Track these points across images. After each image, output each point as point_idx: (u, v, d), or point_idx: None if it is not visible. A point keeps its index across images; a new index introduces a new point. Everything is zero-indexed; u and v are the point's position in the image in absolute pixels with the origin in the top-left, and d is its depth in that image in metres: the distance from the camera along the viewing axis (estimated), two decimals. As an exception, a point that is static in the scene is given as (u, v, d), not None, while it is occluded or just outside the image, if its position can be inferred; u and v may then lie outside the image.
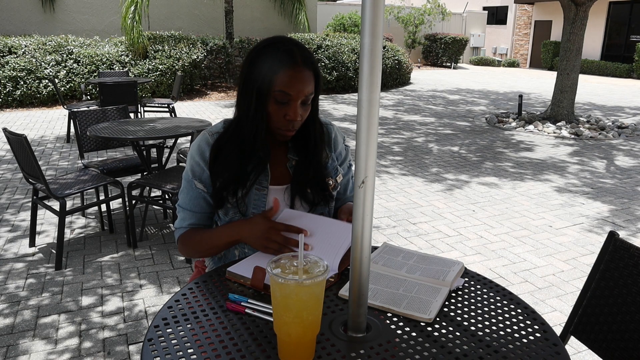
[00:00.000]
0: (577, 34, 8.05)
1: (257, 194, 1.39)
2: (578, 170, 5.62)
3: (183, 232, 1.44)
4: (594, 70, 18.94)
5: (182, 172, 3.44)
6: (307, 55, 1.31)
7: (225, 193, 1.37)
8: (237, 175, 1.36)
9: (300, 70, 1.28)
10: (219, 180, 1.37)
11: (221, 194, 1.37)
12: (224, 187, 1.36)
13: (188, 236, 1.42)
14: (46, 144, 6.48)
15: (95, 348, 2.33)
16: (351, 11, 18.88)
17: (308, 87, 1.30)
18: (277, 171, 1.42)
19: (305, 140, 1.43)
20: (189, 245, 1.42)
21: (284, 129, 1.33)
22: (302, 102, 1.31)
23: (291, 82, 1.27)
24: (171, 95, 7.86)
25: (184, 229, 1.44)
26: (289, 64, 1.27)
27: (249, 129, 1.34)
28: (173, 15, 13.80)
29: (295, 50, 1.29)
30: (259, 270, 1.13)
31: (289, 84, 1.27)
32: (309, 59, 1.31)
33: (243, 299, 1.08)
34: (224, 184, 1.37)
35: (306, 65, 1.29)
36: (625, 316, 1.30)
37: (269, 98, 1.29)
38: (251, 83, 1.31)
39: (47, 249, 3.38)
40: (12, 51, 9.86)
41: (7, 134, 3.07)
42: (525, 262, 3.31)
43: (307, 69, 1.29)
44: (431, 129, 7.93)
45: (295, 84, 1.27)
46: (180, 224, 1.45)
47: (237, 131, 1.37)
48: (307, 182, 1.42)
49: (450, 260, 1.27)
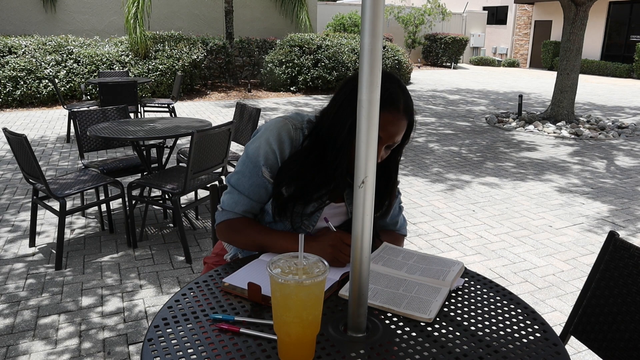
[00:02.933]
0: (577, 34, 8.05)
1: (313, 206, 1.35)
2: (578, 170, 5.62)
3: (232, 218, 1.37)
4: (594, 70, 18.94)
5: (182, 172, 3.44)
6: (409, 104, 1.28)
7: (287, 203, 1.32)
8: (304, 191, 1.31)
9: (399, 118, 1.25)
10: (285, 186, 1.32)
11: (284, 202, 1.32)
12: (288, 199, 1.32)
13: (238, 224, 1.36)
14: (46, 144, 6.48)
15: (95, 348, 2.32)
16: (351, 11, 18.89)
17: (399, 135, 1.27)
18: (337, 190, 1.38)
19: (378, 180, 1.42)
20: (233, 234, 1.36)
21: None
22: (386, 146, 1.28)
23: (386, 126, 1.23)
24: (171, 95, 7.86)
25: (235, 214, 1.36)
26: (390, 108, 1.24)
27: (333, 156, 1.29)
28: (173, 15, 13.79)
29: (400, 96, 1.26)
30: (253, 285, 1.10)
31: (383, 126, 1.22)
32: (410, 107, 1.28)
33: (229, 317, 1.04)
34: (288, 197, 1.31)
35: (406, 113, 1.27)
36: (625, 316, 1.30)
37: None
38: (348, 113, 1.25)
39: (47, 249, 3.38)
40: (12, 51, 9.86)
41: (7, 134, 3.07)
42: (525, 262, 3.31)
43: (405, 118, 1.27)
44: (431, 129, 7.93)
45: (389, 129, 1.24)
46: (231, 206, 1.37)
47: (320, 150, 1.31)
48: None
49: (450, 260, 1.27)
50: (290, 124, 1.34)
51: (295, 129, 1.34)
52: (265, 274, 1.18)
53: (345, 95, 1.28)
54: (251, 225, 1.36)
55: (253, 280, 1.13)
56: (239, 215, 1.37)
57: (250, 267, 1.23)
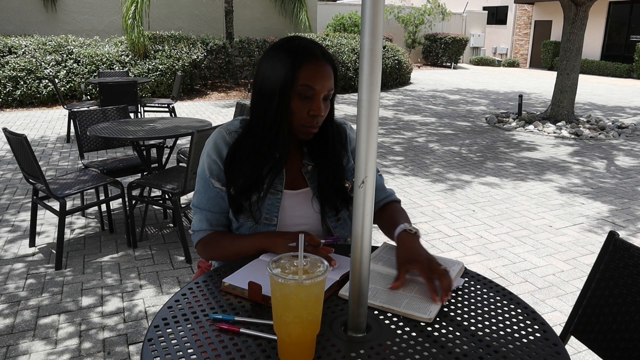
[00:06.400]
0: (577, 34, 8.05)
1: (271, 199, 1.36)
2: (578, 170, 5.62)
3: (204, 236, 1.40)
4: (594, 70, 18.94)
5: (182, 172, 3.44)
6: (324, 51, 1.31)
7: (241, 199, 1.34)
8: (252, 180, 1.33)
9: (322, 64, 1.28)
10: (234, 187, 1.34)
11: (239, 201, 1.34)
12: (240, 193, 1.34)
13: (210, 241, 1.38)
14: (46, 144, 6.48)
15: (95, 348, 2.32)
16: (351, 11, 18.88)
17: (329, 81, 1.30)
18: (291, 176, 1.40)
19: (321, 145, 1.40)
20: (211, 251, 1.39)
21: (308, 126, 1.31)
22: (323, 97, 1.30)
23: (315, 76, 1.26)
24: (171, 95, 7.86)
25: (204, 232, 1.40)
26: (310, 58, 1.27)
27: (268, 129, 1.31)
28: (173, 15, 13.80)
29: (313, 46, 1.30)
30: (254, 285, 1.11)
31: (313, 77, 1.26)
32: (327, 53, 1.31)
33: (229, 317, 1.04)
34: (239, 191, 1.34)
35: (326, 59, 1.30)
36: (625, 316, 1.30)
37: (293, 94, 1.27)
38: (272, 81, 1.29)
39: (47, 249, 3.38)
40: (12, 51, 9.86)
41: (7, 134, 3.07)
42: (525, 262, 3.31)
43: (327, 63, 1.30)
44: (432, 129, 7.94)
45: (318, 78, 1.27)
46: (199, 226, 1.40)
47: (253, 133, 1.35)
48: (330, 188, 1.39)
49: (451, 260, 1.27)
50: (224, 131, 1.39)
51: (230, 132, 1.38)
52: (265, 274, 1.18)
53: (265, 65, 1.31)
54: (223, 237, 1.38)
55: (253, 280, 1.13)
56: (209, 232, 1.40)
57: (250, 267, 1.24)
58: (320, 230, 1.43)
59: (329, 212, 1.41)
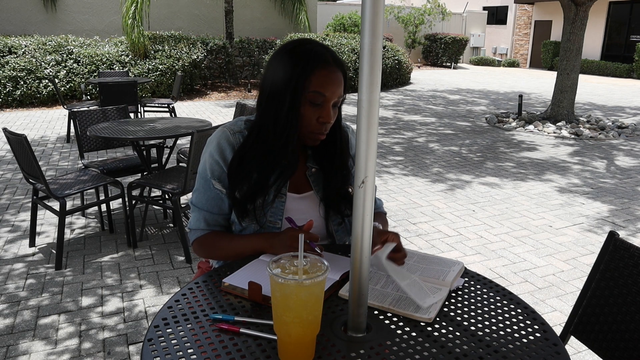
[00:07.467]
0: (577, 34, 8.05)
1: (275, 202, 1.35)
2: (578, 170, 5.62)
3: (200, 235, 1.39)
4: (594, 70, 18.94)
5: (182, 172, 3.44)
6: (336, 56, 1.30)
7: (246, 203, 1.33)
8: (259, 187, 1.31)
9: (334, 71, 1.26)
10: (239, 190, 1.32)
11: (243, 205, 1.33)
12: (246, 198, 1.32)
13: (207, 240, 1.38)
14: (46, 144, 6.48)
15: (95, 348, 2.32)
16: (351, 11, 18.88)
17: (340, 88, 1.28)
18: (295, 179, 1.39)
19: (326, 148, 1.39)
20: (208, 250, 1.38)
21: (317, 132, 1.30)
22: (333, 104, 1.29)
23: (326, 83, 1.25)
24: (171, 95, 7.86)
25: (201, 231, 1.39)
26: (322, 64, 1.25)
27: (278, 134, 1.28)
28: (173, 15, 13.80)
29: (325, 51, 1.28)
30: (254, 285, 1.11)
31: (324, 84, 1.25)
32: (338, 59, 1.30)
33: (229, 317, 1.04)
34: (245, 196, 1.32)
35: (337, 65, 1.28)
36: (625, 316, 1.30)
37: (303, 100, 1.26)
38: (282, 86, 1.26)
39: (47, 249, 3.38)
40: (12, 51, 9.86)
41: (7, 134, 3.07)
42: (525, 262, 3.31)
43: (338, 69, 1.28)
44: (432, 129, 7.94)
45: (329, 85, 1.25)
46: (196, 225, 1.39)
47: (262, 139, 1.32)
48: (336, 193, 1.39)
49: (451, 260, 1.27)
50: (228, 131, 1.36)
51: (234, 133, 1.36)
52: (265, 274, 1.18)
53: (276, 68, 1.29)
54: (221, 237, 1.38)
55: (253, 280, 1.13)
56: (206, 231, 1.39)
57: (250, 267, 1.24)
58: (324, 233, 1.42)
59: (334, 217, 1.41)
